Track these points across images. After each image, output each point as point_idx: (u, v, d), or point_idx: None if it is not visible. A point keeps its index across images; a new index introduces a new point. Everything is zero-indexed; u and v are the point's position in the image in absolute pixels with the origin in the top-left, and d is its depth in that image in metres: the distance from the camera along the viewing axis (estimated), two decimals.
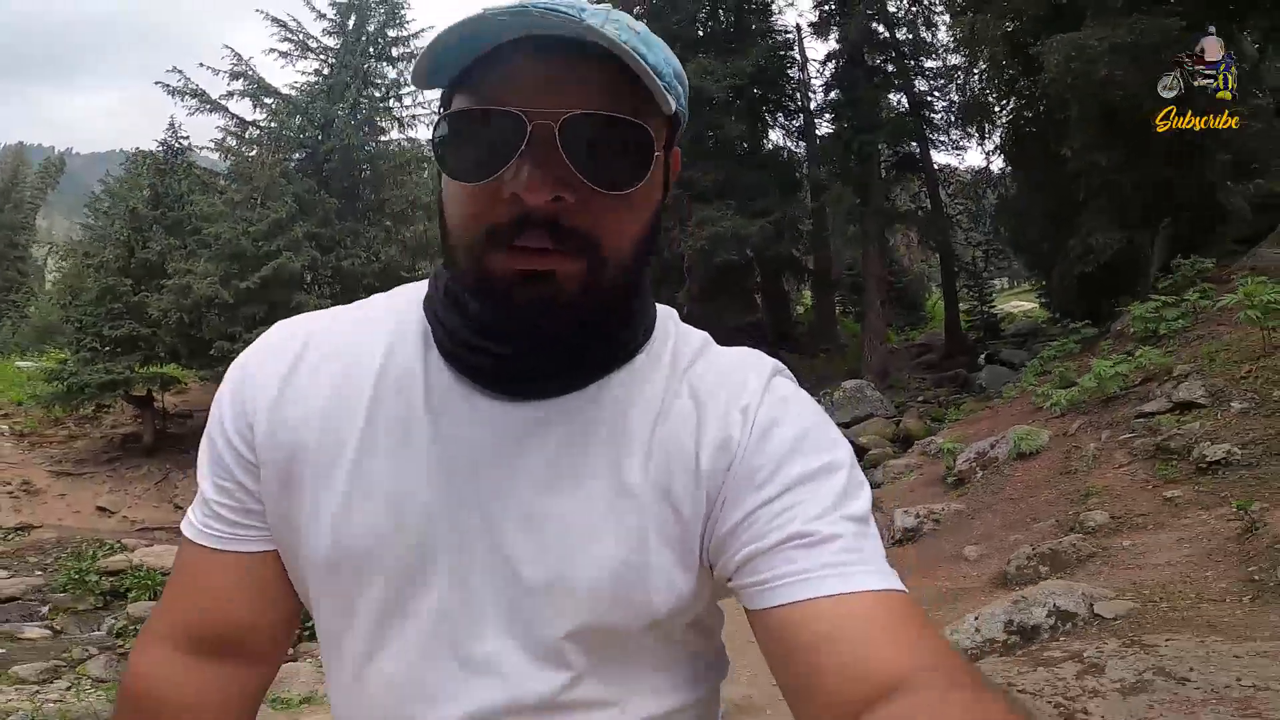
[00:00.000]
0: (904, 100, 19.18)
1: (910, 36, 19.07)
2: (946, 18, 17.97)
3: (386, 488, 0.67)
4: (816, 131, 20.30)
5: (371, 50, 20.10)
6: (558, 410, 0.68)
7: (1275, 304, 6.23)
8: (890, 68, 19.03)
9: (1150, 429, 6.32)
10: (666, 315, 0.78)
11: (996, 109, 16.76)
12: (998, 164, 17.74)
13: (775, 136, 20.74)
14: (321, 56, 20.02)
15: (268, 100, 18.48)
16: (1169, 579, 3.84)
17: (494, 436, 0.67)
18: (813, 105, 20.50)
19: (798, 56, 20.61)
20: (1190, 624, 3.15)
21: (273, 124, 18.35)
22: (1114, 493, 5.72)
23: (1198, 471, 5.40)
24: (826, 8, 19.54)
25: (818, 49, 19.79)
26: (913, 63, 19.08)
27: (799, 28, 20.63)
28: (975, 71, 17.01)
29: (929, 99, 19.05)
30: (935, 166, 19.49)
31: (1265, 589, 3.36)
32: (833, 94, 19.57)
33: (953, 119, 18.39)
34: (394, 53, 20.14)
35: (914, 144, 18.97)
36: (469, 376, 0.68)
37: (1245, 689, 2.45)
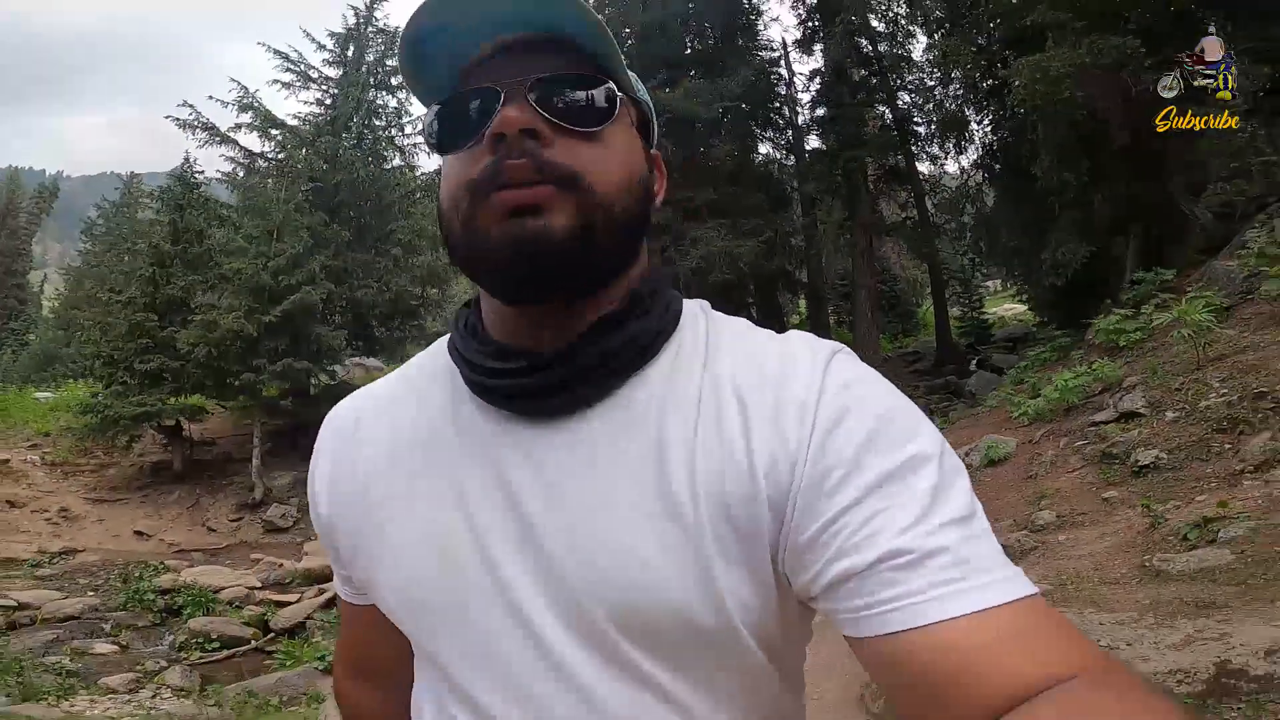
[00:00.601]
0: (888, 114, 20.08)
1: (892, 51, 19.94)
2: (923, 36, 18.96)
3: (433, 539, 0.68)
4: (805, 146, 21.23)
5: (372, 80, 21.05)
6: (586, 422, 0.66)
7: (1205, 324, 7.18)
8: (874, 81, 19.94)
9: (1099, 436, 7.25)
10: (696, 304, 0.75)
11: (973, 124, 17.75)
12: (976, 178, 18.67)
13: (765, 149, 21.69)
14: (323, 87, 21.01)
15: (274, 132, 19.46)
16: (1083, 566, 4.77)
17: (529, 460, 0.66)
18: (800, 120, 21.38)
19: (784, 73, 21.52)
20: (1082, 601, 4.08)
21: (280, 155, 19.32)
22: (1063, 494, 6.65)
23: (1132, 474, 6.33)
24: (810, 25, 20.57)
25: (805, 65, 20.63)
26: (895, 78, 20.00)
27: (785, 44, 21.50)
28: (949, 89, 17.99)
29: (912, 112, 19.96)
30: (921, 177, 20.41)
31: (1149, 573, 4.29)
32: (819, 110, 20.54)
33: (933, 132, 19.31)
34: (394, 81, 21.07)
35: (899, 156, 19.88)
36: (497, 404, 0.68)
37: (1100, 648, 3.39)
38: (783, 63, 21.40)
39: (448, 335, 0.76)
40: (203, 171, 18.50)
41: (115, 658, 8.27)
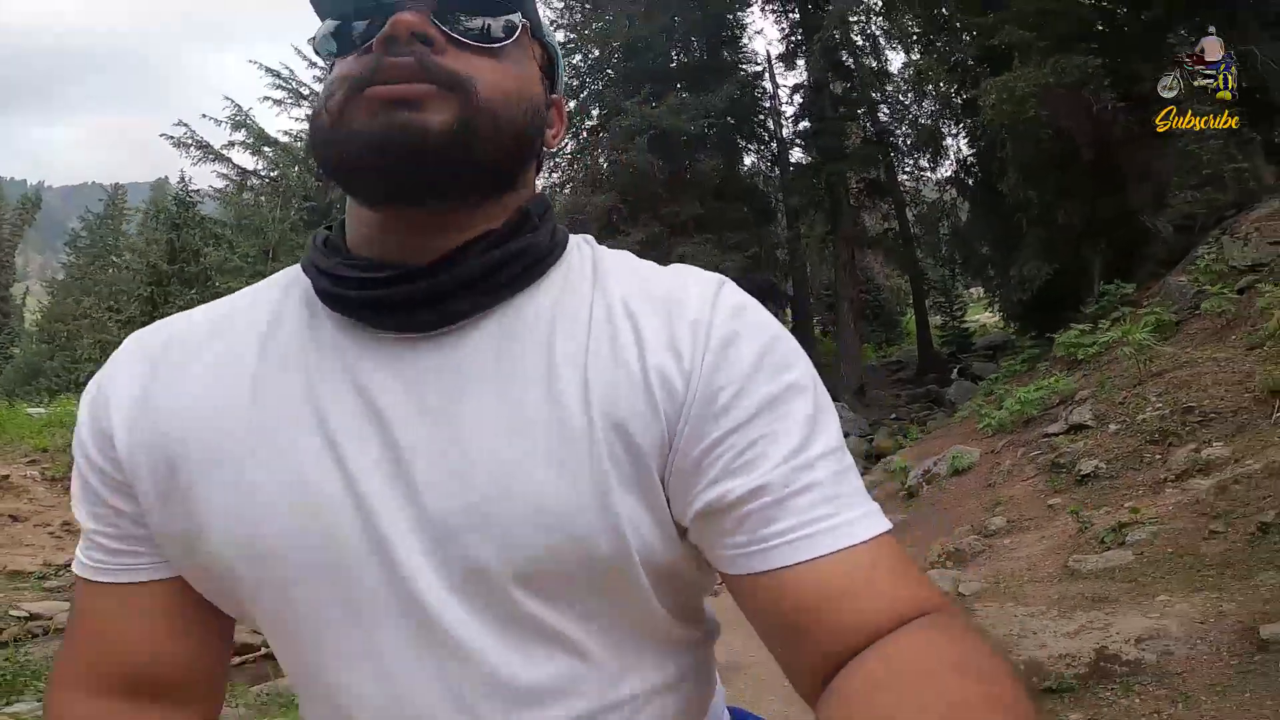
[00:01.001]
0: (869, 127, 20.82)
1: (869, 65, 20.68)
2: (902, 53, 19.74)
3: (285, 475, 0.60)
4: (790, 158, 21.96)
5: None
6: (466, 338, 0.62)
7: (1145, 343, 7.89)
8: (854, 95, 20.67)
9: (1051, 447, 7.93)
10: (581, 237, 0.73)
11: (949, 139, 18.57)
12: (950, 193, 19.46)
13: (750, 160, 22.39)
14: (314, 103, 21.54)
15: (267, 149, 20.08)
16: (1018, 568, 5.45)
17: (400, 381, 0.61)
18: (784, 133, 22.10)
19: (768, 86, 22.25)
20: (1009, 597, 4.76)
21: (274, 173, 19.89)
22: (1015, 501, 7.33)
23: (1075, 483, 7.01)
24: (792, 39, 21.33)
25: (788, 79, 21.31)
26: (876, 93, 20.75)
27: (769, 57, 22.24)
28: (923, 105, 18.79)
29: (891, 126, 20.72)
30: (903, 188, 21.17)
31: (1067, 573, 4.97)
32: (802, 124, 21.30)
33: (910, 147, 20.08)
34: None
35: (880, 170, 20.63)
36: (363, 320, 0.62)
37: (1011, 635, 4.06)
38: (767, 75, 22.17)
39: (293, 266, 0.70)
40: (197, 190, 19.07)
41: None
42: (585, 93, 20.79)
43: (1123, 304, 11.10)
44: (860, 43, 20.59)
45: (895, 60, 20.65)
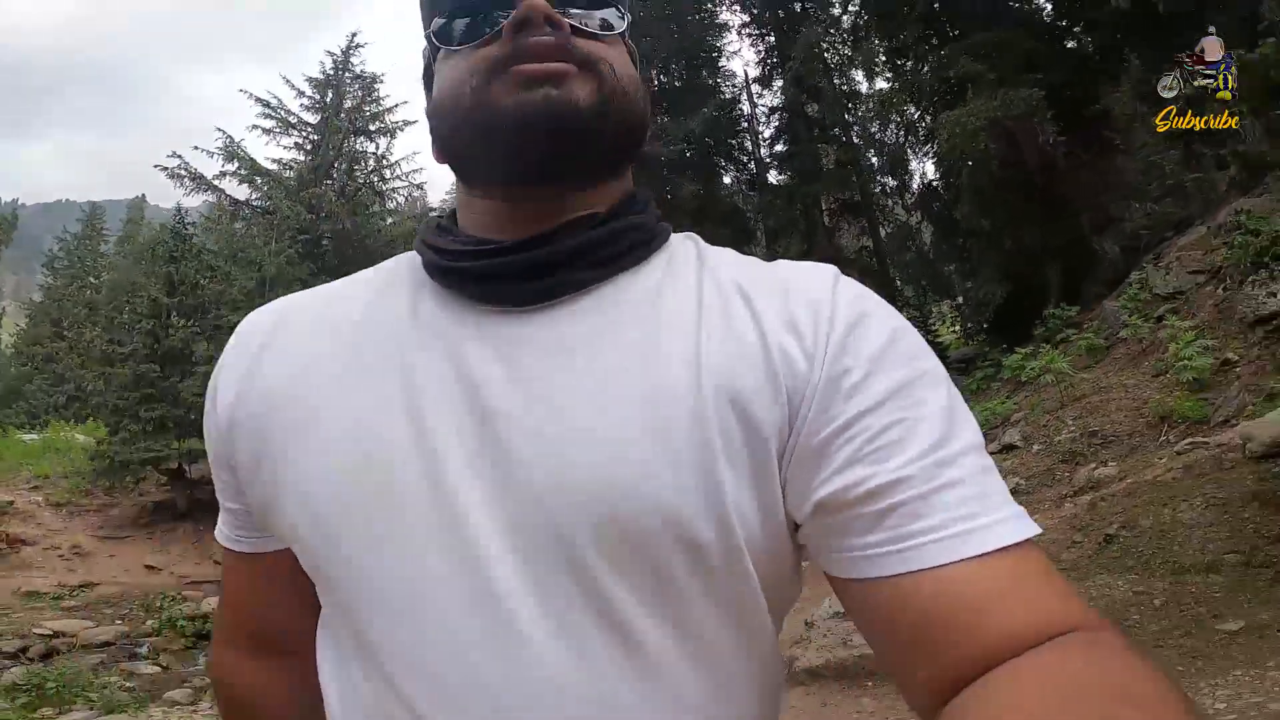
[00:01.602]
0: (842, 145, 21.94)
1: (839, 87, 21.77)
2: (870, 81, 20.98)
3: (360, 443, 0.59)
4: (768, 178, 23.04)
5: (351, 126, 22.68)
6: (568, 312, 0.62)
7: (1064, 371, 9.11)
8: (825, 119, 21.66)
9: None
10: (688, 234, 0.72)
11: (913, 164, 19.85)
12: (915, 217, 20.74)
13: (728, 180, 23.20)
14: (303, 132, 22.68)
15: (258, 180, 21.14)
16: None
17: (495, 351, 0.60)
18: (762, 153, 23.00)
19: (746, 108, 23.17)
20: None
21: (267, 204, 20.91)
22: None
23: None
24: (769, 62, 22.46)
25: (766, 97, 22.45)
26: (849, 115, 21.91)
27: (747, 77, 23.11)
28: (889, 131, 20.06)
29: (862, 148, 21.85)
30: (877, 206, 22.30)
31: None
32: (778, 146, 22.37)
33: (879, 170, 21.30)
34: (372, 128, 22.87)
35: (854, 191, 21.78)
36: (465, 290, 0.63)
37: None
38: (744, 96, 23.10)
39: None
40: (195, 223, 20.06)
41: (162, 677, 9.84)
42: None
43: (1067, 326, 12.26)
44: (834, 64, 21.69)
45: (865, 84, 21.69)
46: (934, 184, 18.65)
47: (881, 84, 19.59)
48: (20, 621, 12.02)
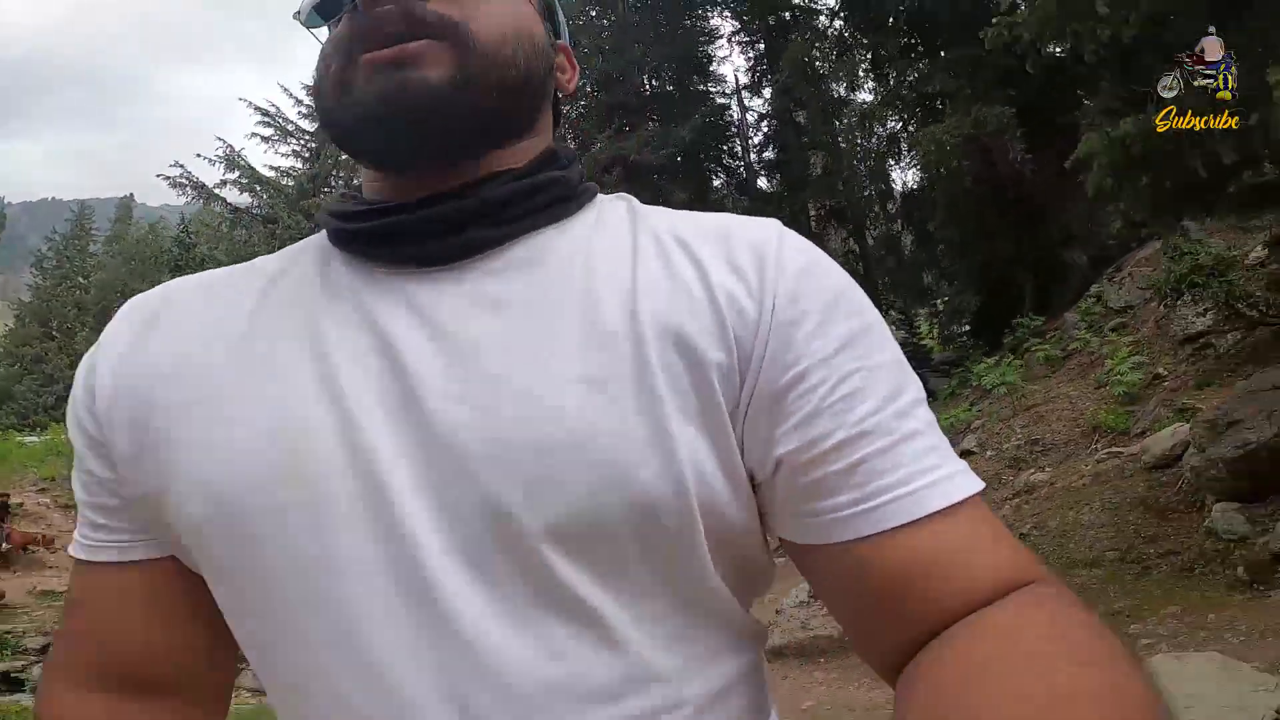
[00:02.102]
0: (828, 156, 22.73)
1: (835, 93, 22.58)
2: (859, 90, 21.84)
3: (267, 408, 0.55)
4: (758, 183, 23.87)
5: None
6: (489, 268, 0.59)
7: (1014, 382, 10.08)
8: (811, 127, 22.30)
9: None
10: (620, 195, 0.69)
11: (894, 173, 20.81)
12: (896, 226, 21.70)
13: (718, 183, 23.79)
14: (300, 140, 23.56)
15: (258, 188, 22.06)
16: None
17: (414, 312, 0.57)
18: (751, 159, 23.83)
19: (736, 113, 23.94)
20: None
21: (268, 210, 21.70)
22: None
23: None
24: (758, 69, 23.22)
25: (757, 102, 23.26)
26: (837, 120, 22.71)
27: (738, 82, 24.03)
28: (871, 141, 20.96)
29: (846, 155, 22.68)
30: (864, 214, 23.11)
31: None
32: (767, 152, 23.22)
33: (863, 177, 22.15)
34: None
35: (841, 197, 22.63)
36: (378, 257, 0.60)
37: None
38: (735, 102, 23.89)
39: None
40: (197, 232, 20.93)
41: None
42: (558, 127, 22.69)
43: (1033, 336, 13.19)
44: (823, 71, 22.43)
45: (850, 94, 22.52)
46: (915, 192, 19.59)
47: (866, 95, 20.43)
48: (40, 619, 12.93)
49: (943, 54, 16.06)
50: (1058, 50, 8.23)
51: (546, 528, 0.52)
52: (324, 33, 0.64)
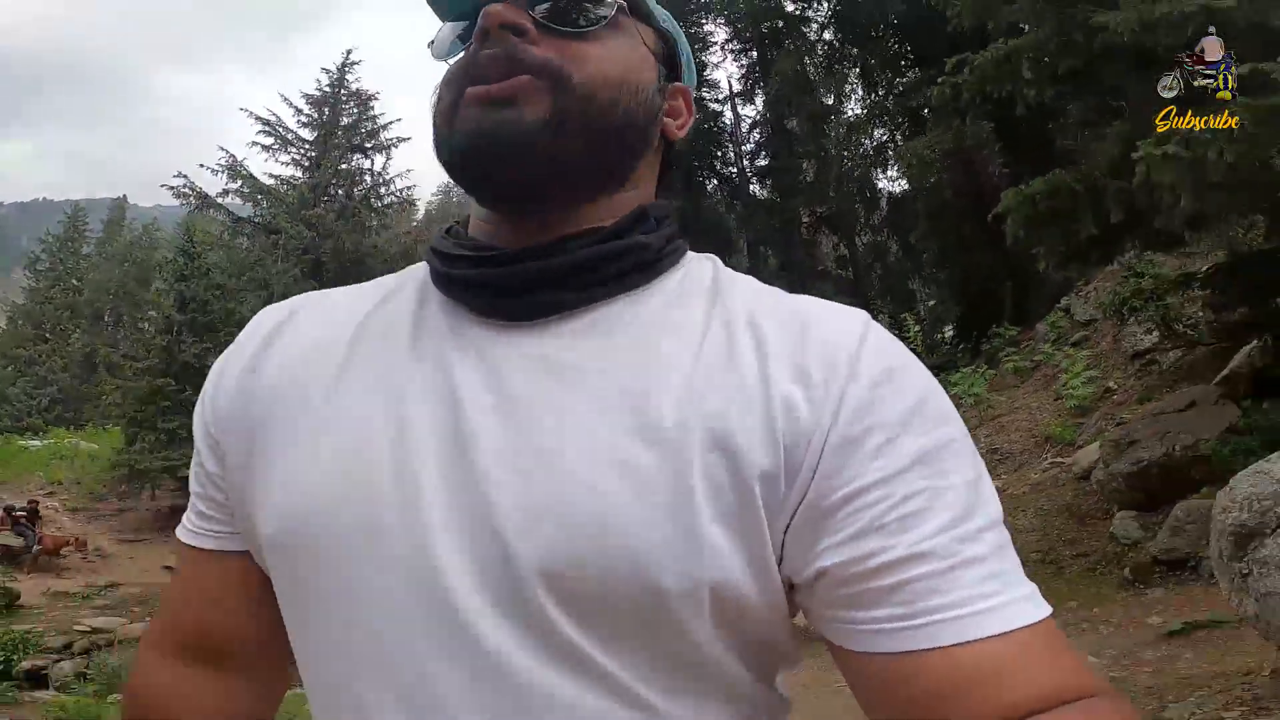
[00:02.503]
0: (819, 159, 23.36)
1: (826, 101, 23.21)
2: (849, 101, 22.63)
3: (336, 446, 0.60)
4: (750, 190, 24.30)
5: (348, 144, 24.19)
6: (558, 333, 0.61)
7: (981, 395, 10.94)
8: (801, 134, 22.83)
9: None
10: (707, 255, 0.71)
11: (881, 182, 21.57)
12: (882, 234, 22.54)
13: (711, 186, 24.39)
14: (301, 149, 24.16)
15: (260, 197, 22.71)
16: None
17: (483, 366, 0.60)
18: (743, 165, 24.42)
19: (730, 120, 24.50)
20: None
21: (270, 220, 22.37)
22: None
23: None
24: (751, 77, 23.64)
25: (750, 110, 23.90)
26: (828, 127, 23.38)
27: (732, 91, 24.48)
28: (859, 151, 21.78)
29: (835, 162, 23.39)
30: (855, 222, 23.79)
31: None
32: (759, 160, 23.80)
33: (852, 184, 22.92)
34: (368, 145, 24.45)
35: (832, 204, 23.31)
36: (457, 297, 0.64)
37: None
38: (729, 108, 24.44)
39: None
40: (200, 240, 21.69)
41: None
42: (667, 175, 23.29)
43: (1009, 345, 13.99)
44: (814, 80, 23.07)
45: (843, 103, 23.25)
46: (900, 202, 20.45)
47: (855, 106, 21.22)
48: (57, 620, 13.73)
49: (926, 70, 16.79)
50: None
51: (559, 596, 0.54)
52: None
